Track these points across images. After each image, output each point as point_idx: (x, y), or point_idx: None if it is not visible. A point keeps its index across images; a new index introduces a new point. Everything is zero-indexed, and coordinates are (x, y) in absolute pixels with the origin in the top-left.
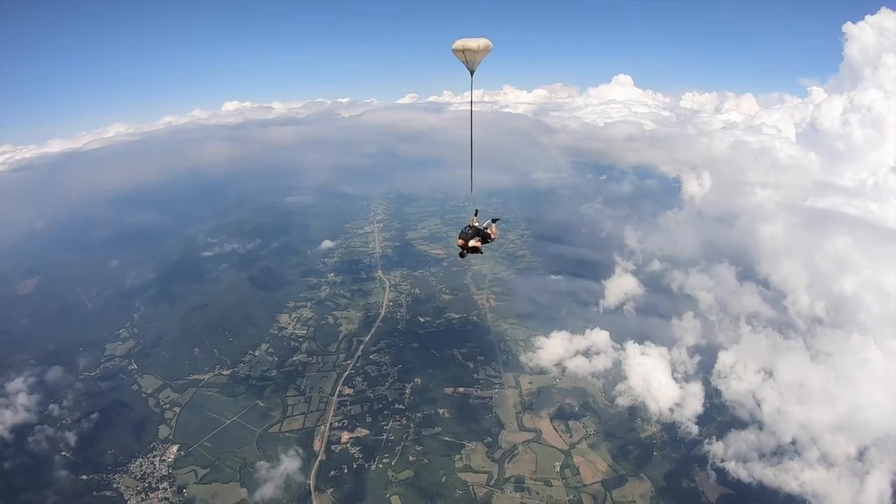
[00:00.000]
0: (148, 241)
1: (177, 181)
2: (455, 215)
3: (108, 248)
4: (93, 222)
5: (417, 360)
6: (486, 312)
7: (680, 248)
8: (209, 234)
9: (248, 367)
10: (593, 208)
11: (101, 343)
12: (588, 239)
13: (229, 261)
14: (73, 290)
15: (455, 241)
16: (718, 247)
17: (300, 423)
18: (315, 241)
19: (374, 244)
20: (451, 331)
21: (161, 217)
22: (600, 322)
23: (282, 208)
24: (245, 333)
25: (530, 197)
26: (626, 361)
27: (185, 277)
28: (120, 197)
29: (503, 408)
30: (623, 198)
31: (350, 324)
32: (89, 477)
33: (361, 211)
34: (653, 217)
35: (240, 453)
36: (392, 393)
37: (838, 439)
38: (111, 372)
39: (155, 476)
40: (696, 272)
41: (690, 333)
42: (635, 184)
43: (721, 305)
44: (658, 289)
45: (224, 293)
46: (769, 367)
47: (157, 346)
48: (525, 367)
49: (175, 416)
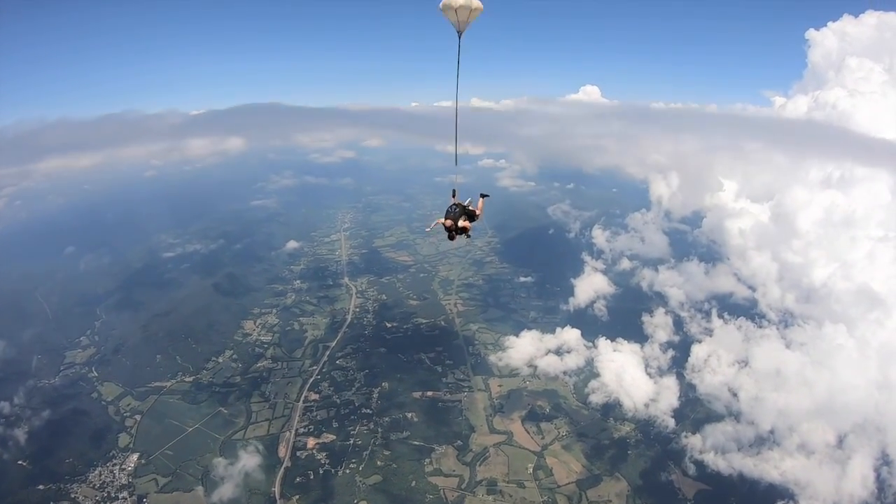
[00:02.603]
0: (111, 249)
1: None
2: (421, 223)
3: (69, 256)
4: (54, 228)
5: (384, 365)
6: (453, 317)
7: (649, 247)
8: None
9: (212, 373)
10: (560, 210)
11: (61, 350)
12: (556, 240)
13: (191, 261)
14: (33, 297)
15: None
16: (687, 244)
17: (265, 429)
18: (280, 244)
19: (341, 251)
20: (418, 336)
21: (124, 224)
22: (571, 321)
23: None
24: (209, 340)
25: (497, 204)
26: (598, 358)
27: (147, 285)
28: (83, 202)
29: (473, 411)
30: (591, 200)
31: (316, 330)
32: (46, 487)
33: (328, 220)
34: (621, 218)
35: (202, 461)
36: (359, 398)
37: (817, 426)
38: (70, 380)
39: (114, 485)
40: (665, 269)
41: (662, 329)
42: (602, 187)
43: (692, 301)
44: (628, 287)
45: (187, 300)
46: (743, 358)
47: (119, 354)
48: (495, 367)
49: (136, 424)
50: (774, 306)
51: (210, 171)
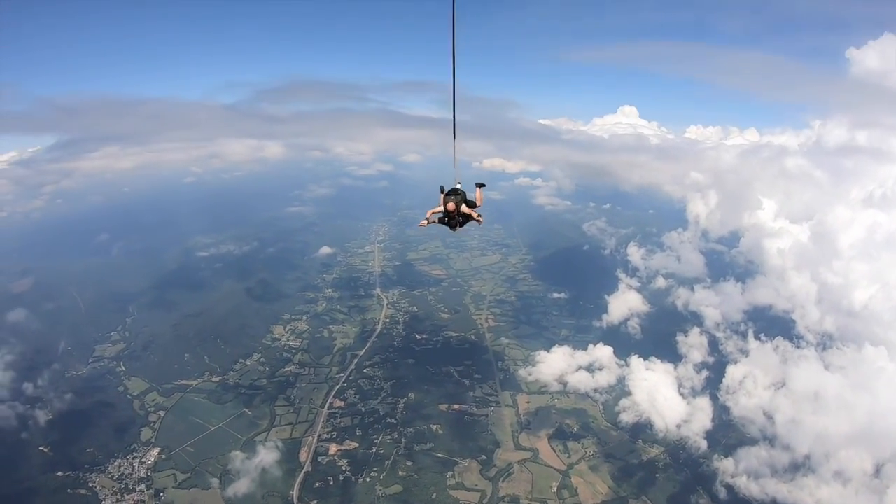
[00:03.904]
0: (147, 249)
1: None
2: (456, 239)
3: (105, 254)
4: (92, 227)
5: (412, 376)
6: (484, 332)
7: (685, 266)
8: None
9: (239, 375)
10: (596, 226)
11: (91, 344)
12: (591, 257)
13: (224, 261)
14: (68, 292)
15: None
16: (724, 264)
17: (288, 433)
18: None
19: (375, 263)
20: (448, 349)
21: (162, 226)
22: (604, 338)
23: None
24: (238, 342)
25: (532, 222)
26: (630, 377)
27: (181, 286)
28: (122, 203)
29: (499, 426)
30: (627, 219)
31: (345, 338)
32: (65, 474)
33: (363, 231)
34: (657, 236)
35: (223, 460)
36: (384, 407)
37: (854, 454)
38: (98, 372)
39: (133, 478)
40: (701, 289)
41: (697, 349)
42: (639, 207)
43: (728, 321)
44: (663, 306)
45: (219, 302)
46: (780, 381)
47: (148, 350)
48: (524, 383)
49: (159, 420)
50: (813, 328)
51: (249, 177)
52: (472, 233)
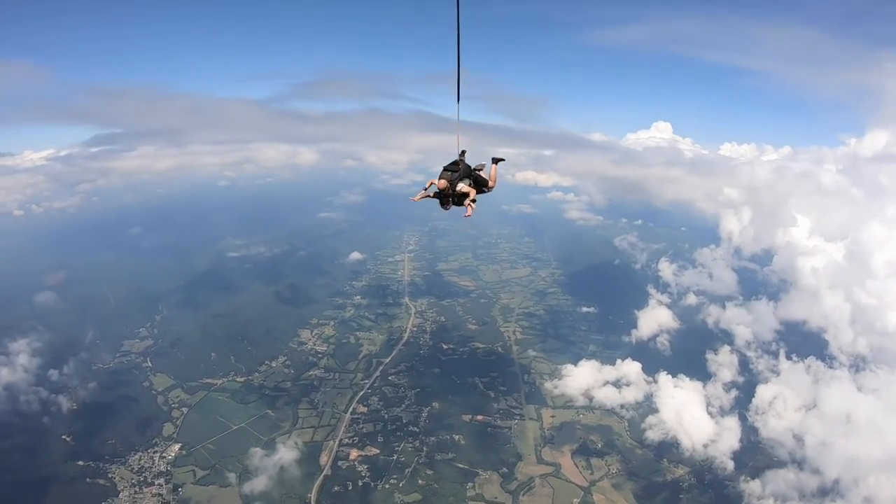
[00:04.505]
0: (179, 250)
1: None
2: (487, 251)
3: (137, 252)
4: (126, 226)
5: (437, 385)
6: (511, 344)
7: (717, 284)
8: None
9: (264, 376)
10: (627, 241)
11: (119, 339)
12: (621, 271)
13: (254, 262)
14: (100, 287)
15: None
16: (757, 282)
17: (309, 436)
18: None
19: (404, 272)
20: (474, 359)
21: (194, 228)
22: (632, 353)
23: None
24: (264, 344)
25: (563, 236)
26: (657, 394)
27: (211, 287)
28: (157, 204)
29: (522, 439)
30: (659, 235)
31: (372, 345)
32: (85, 463)
33: (393, 240)
34: (689, 252)
35: (243, 459)
36: (408, 415)
37: (885, 479)
38: (124, 367)
39: (152, 471)
40: (733, 307)
41: (727, 368)
42: (671, 225)
43: (759, 341)
44: (693, 323)
45: (248, 304)
46: (811, 402)
47: (174, 348)
48: (549, 396)
49: (182, 416)
50: (846, 349)
51: (281, 183)
52: (502, 245)
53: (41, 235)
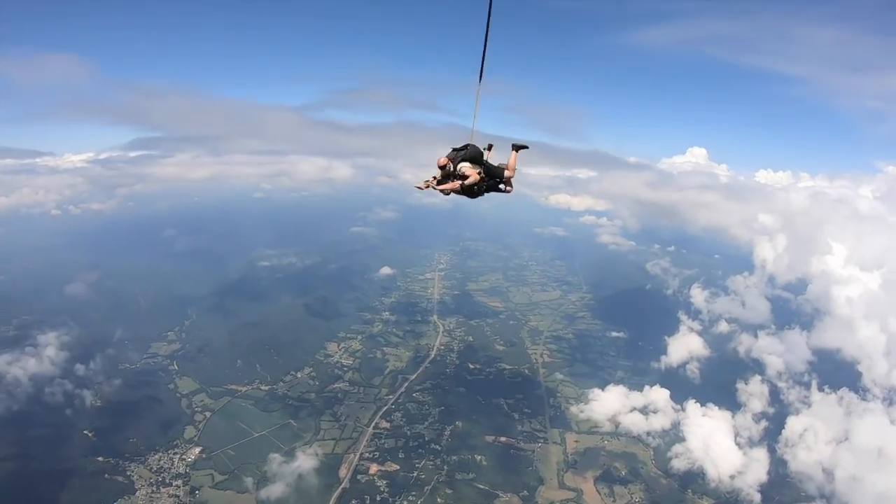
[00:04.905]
0: (211, 258)
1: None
2: (517, 272)
3: (170, 257)
4: (160, 231)
5: (461, 405)
6: (538, 367)
7: (749, 312)
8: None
9: (288, 386)
10: (660, 266)
11: (148, 341)
12: (652, 296)
13: (286, 272)
14: (132, 289)
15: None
16: (790, 311)
17: (330, 447)
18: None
19: (434, 290)
20: (500, 380)
21: (228, 237)
22: (661, 380)
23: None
24: (291, 355)
25: (594, 261)
26: (685, 422)
27: (241, 295)
28: (192, 212)
29: (545, 463)
30: (692, 261)
31: (398, 361)
32: (104, 460)
33: (424, 258)
34: (722, 279)
35: (262, 466)
36: (430, 433)
37: None
38: (151, 368)
39: (171, 472)
40: (765, 336)
41: (757, 398)
42: (704, 252)
43: (791, 371)
44: (724, 351)
45: (277, 314)
46: (843, 435)
47: (201, 353)
48: (574, 420)
49: (204, 420)
50: (880, 381)
51: (316, 198)
52: (533, 268)
53: (77, 235)
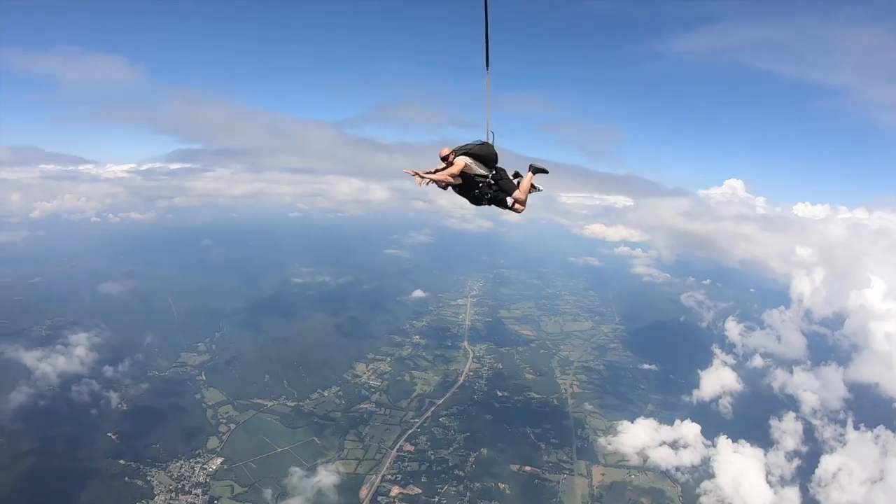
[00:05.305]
0: (246, 273)
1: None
2: (550, 301)
3: (206, 271)
4: (196, 244)
5: (487, 432)
6: (567, 397)
7: (785, 347)
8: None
9: (314, 404)
10: (694, 298)
11: (178, 350)
12: (686, 329)
13: (318, 290)
14: (165, 299)
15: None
16: (827, 346)
17: (353, 467)
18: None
19: (465, 316)
20: (528, 409)
21: (263, 254)
22: (692, 414)
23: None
24: (318, 373)
25: (628, 292)
26: (715, 458)
27: (273, 312)
28: (229, 227)
29: (569, 495)
30: (727, 294)
31: (426, 385)
32: (126, 463)
33: (457, 284)
34: (758, 313)
35: (282, 480)
36: (454, 458)
37: None
38: (179, 377)
39: (191, 481)
40: (800, 371)
41: (790, 436)
42: (740, 286)
43: (826, 409)
44: (758, 386)
45: (308, 332)
46: (877, 476)
47: (230, 366)
48: (601, 453)
49: (228, 432)
50: None
51: (351, 219)
52: (566, 297)
53: (115, 243)
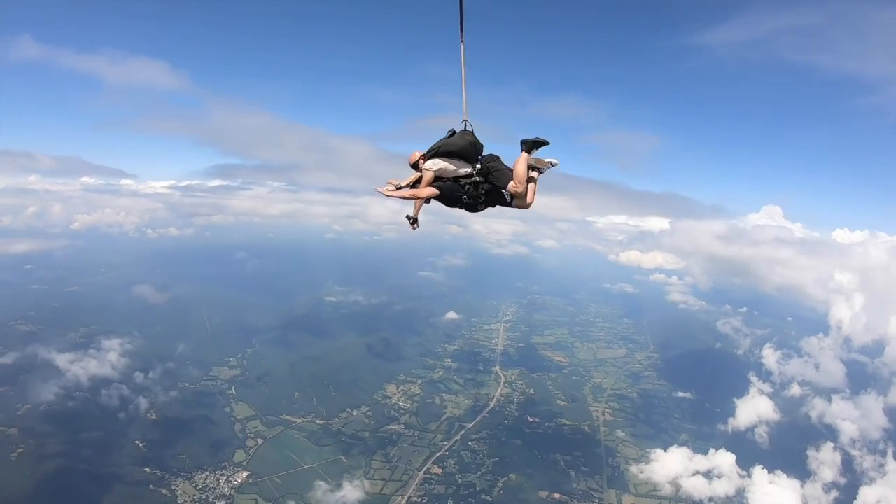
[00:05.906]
0: (280, 291)
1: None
2: (584, 328)
3: (239, 288)
4: (232, 261)
5: (517, 457)
6: (599, 425)
7: (823, 375)
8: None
9: (343, 423)
10: (731, 325)
11: (209, 363)
12: (722, 356)
13: (351, 310)
14: (199, 313)
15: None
16: (867, 375)
17: (378, 487)
18: (439, 321)
19: (498, 341)
20: (558, 436)
21: (297, 273)
22: (727, 444)
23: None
24: (348, 392)
25: (663, 320)
26: (750, 489)
27: (305, 330)
28: (265, 245)
29: None
30: (764, 321)
31: (456, 409)
32: (151, 471)
33: (490, 309)
34: (795, 340)
35: (307, 496)
36: (482, 483)
37: None
38: (209, 390)
39: (215, 492)
40: (839, 400)
41: (828, 467)
42: (777, 314)
43: (865, 439)
44: (796, 415)
45: (339, 352)
46: None
47: (261, 382)
48: (632, 482)
49: (256, 447)
50: None
51: (386, 242)
52: (600, 324)
53: (152, 256)
